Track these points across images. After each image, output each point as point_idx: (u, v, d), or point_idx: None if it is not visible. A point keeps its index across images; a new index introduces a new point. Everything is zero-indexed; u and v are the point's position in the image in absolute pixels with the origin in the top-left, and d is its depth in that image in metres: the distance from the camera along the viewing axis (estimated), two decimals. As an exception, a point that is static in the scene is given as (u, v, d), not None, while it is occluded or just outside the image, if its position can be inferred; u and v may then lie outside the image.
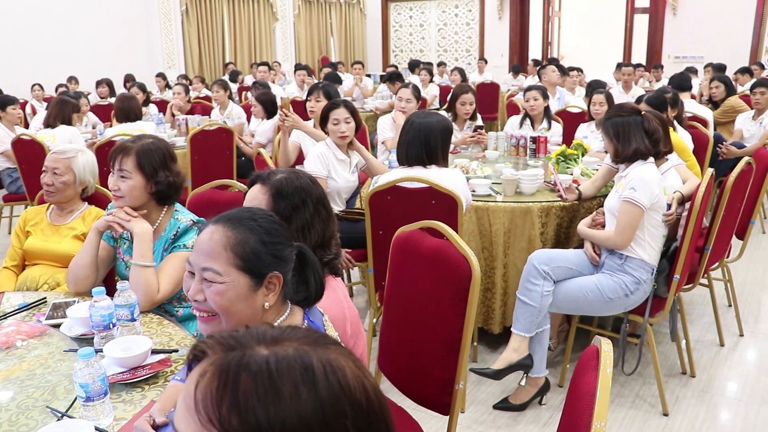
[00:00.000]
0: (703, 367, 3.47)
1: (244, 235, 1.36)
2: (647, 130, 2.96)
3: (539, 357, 2.98)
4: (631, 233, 2.87)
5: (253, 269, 1.35)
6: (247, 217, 1.38)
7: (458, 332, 1.95)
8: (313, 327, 1.42)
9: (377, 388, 0.80)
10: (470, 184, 3.57)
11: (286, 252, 1.38)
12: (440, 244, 2.02)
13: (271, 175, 1.77)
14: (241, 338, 0.79)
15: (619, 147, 2.95)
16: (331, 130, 3.70)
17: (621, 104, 3.09)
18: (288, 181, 1.74)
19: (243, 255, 1.35)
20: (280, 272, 1.37)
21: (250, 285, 1.35)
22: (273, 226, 1.38)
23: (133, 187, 2.32)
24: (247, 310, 1.37)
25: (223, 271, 1.35)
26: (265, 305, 1.37)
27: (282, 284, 1.37)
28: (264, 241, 1.36)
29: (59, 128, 5.34)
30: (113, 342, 1.83)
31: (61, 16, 10.63)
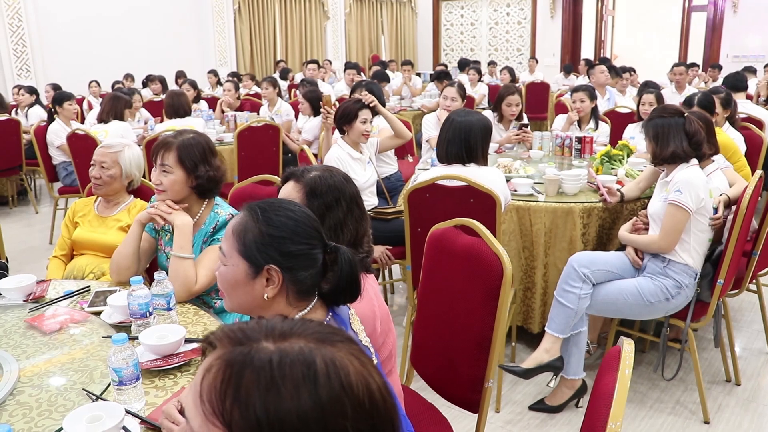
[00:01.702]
0: (749, 375, 3.37)
1: (251, 224, 1.39)
2: (688, 132, 2.88)
3: (576, 359, 2.95)
4: (677, 237, 2.81)
5: (251, 258, 1.38)
6: (268, 208, 1.40)
7: (489, 330, 1.95)
8: (337, 321, 1.44)
9: (384, 388, 0.80)
10: (512, 184, 3.55)
11: (302, 250, 1.38)
12: (473, 242, 2.02)
13: (305, 172, 1.78)
14: (250, 332, 0.81)
15: (657, 149, 2.90)
16: (359, 128, 3.76)
17: (665, 105, 3.03)
18: (322, 179, 1.75)
19: (244, 242, 1.38)
20: (285, 268, 1.37)
21: (248, 272, 1.38)
22: (290, 222, 1.38)
23: (175, 181, 2.38)
24: (245, 296, 1.40)
25: (227, 253, 1.41)
26: (264, 296, 1.38)
27: (282, 280, 1.37)
28: (270, 234, 1.37)
29: (111, 123, 5.50)
30: (149, 330, 1.88)
31: (117, 17, 10.95)
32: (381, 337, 1.74)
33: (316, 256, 1.40)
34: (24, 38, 9.85)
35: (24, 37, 9.85)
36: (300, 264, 1.38)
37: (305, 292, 1.41)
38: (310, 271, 1.39)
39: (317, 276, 1.41)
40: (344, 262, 1.41)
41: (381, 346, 1.75)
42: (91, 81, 9.87)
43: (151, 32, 11.39)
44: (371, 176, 3.85)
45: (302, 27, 14.15)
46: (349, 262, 1.41)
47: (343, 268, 1.40)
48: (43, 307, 2.22)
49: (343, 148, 3.77)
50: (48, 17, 10.11)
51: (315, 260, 1.40)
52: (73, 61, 10.30)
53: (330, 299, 1.44)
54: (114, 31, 10.88)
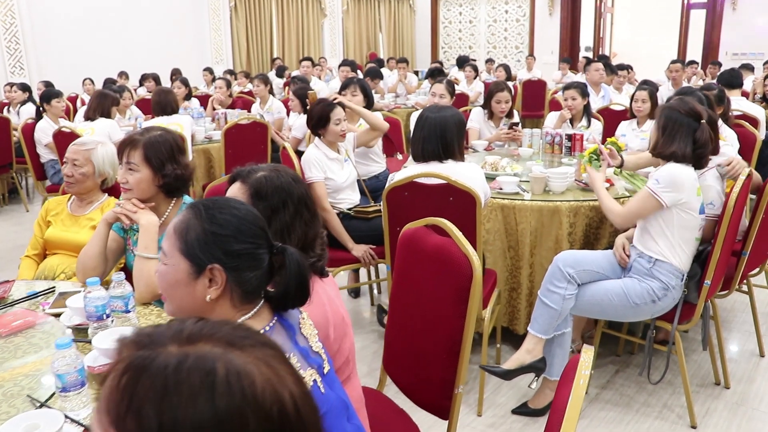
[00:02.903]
0: (738, 378, 3.29)
1: (193, 221, 1.32)
2: (697, 139, 2.79)
3: (559, 360, 2.88)
4: (635, 219, 2.82)
5: (193, 257, 1.30)
6: (212, 205, 1.34)
7: (458, 334, 1.88)
8: (284, 325, 1.37)
9: (302, 398, 0.75)
10: (497, 182, 3.48)
11: (247, 249, 1.31)
12: (443, 242, 1.95)
13: (251, 173, 1.69)
14: (157, 335, 0.76)
15: (660, 141, 2.82)
16: (333, 130, 3.67)
17: (687, 99, 2.92)
18: (268, 180, 1.66)
19: (186, 240, 1.31)
20: (229, 268, 1.30)
21: (190, 272, 1.31)
22: (234, 220, 1.31)
23: (141, 179, 2.31)
24: (186, 297, 1.33)
25: (168, 252, 1.33)
26: (207, 298, 1.31)
27: (225, 281, 1.30)
28: (213, 232, 1.30)
29: (98, 121, 5.43)
30: (105, 333, 1.82)
31: (113, 13, 10.87)
32: (335, 344, 1.67)
33: (261, 257, 1.33)
34: (17, 35, 9.79)
35: (17, 35, 9.78)
36: (244, 264, 1.31)
37: (250, 295, 1.34)
38: (255, 272, 1.32)
39: (263, 278, 1.34)
40: (292, 264, 1.33)
41: (336, 352, 1.68)
42: (84, 79, 9.81)
43: (146, 29, 11.32)
44: (350, 174, 3.78)
45: (299, 24, 14.07)
46: (297, 263, 1.34)
47: (291, 269, 1.33)
48: (3, 308, 2.15)
49: (320, 148, 3.70)
50: (42, 14, 10.04)
51: (260, 261, 1.33)
52: (68, 58, 10.23)
53: (277, 303, 1.37)
54: (109, 28, 10.80)
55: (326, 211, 3.58)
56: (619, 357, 3.49)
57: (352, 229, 3.64)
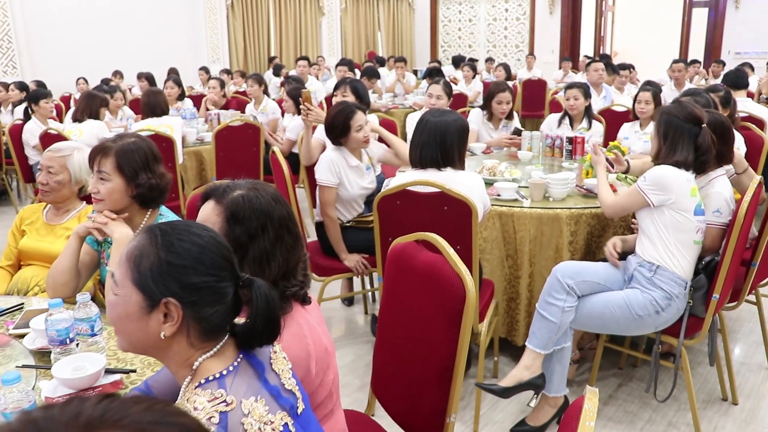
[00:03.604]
0: (747, 393, 3.15)
1: (148, 248, 1.17)
2: (699, 145, 2.66)
3: (559, 375, 2.74)
4: (622, 212, 2.89)
5: (146, 289, 1.16)
6: (171, 231, 1.19)
7: (450, 359, 1.74)
8: (251, 363, 1.22)
9: None
10: (495, 188, 3.34)
11: (207, 282, 1.17)
12: (434, 260, 1.81)
13: (227, 191, 1.52)
14: (45, 424, 0.64)
15: (663, 150, 2.71)
16: (356, 137, 3.47)
17: (686, 103, 2.79)
18: (246, 200, 1.49)
19: (139, 269, 1.16)
20: (186, 303, 1.16)
21: (142, 306, 1.16)
22: (194, 249, 1.17)
23: (113, 189, 2.18)
24: (138, 332, 1.18)
25: (120, 281, 1.19)
26: (161, 335, 1.16)
27: (182, 317, 1.16)
28: (169, 262, 1.16)
29: (86, 123, 5.29)
30: (65, 360, 1.68)
31: (107, 12, 10.72)
32: (317, 378, 1.52)
33: (224, 290, 1.19)
34: (9, 34, 9.64)
35: (9, 33, 9.63)
36: (204, 299, 1.16)
37: (211, 332, 1.19)
38: (216, 307, 1.17)
39: (227, 313, 1.20)
40: (259, 299, 1.19)
41: (318, 387, 1.54)
42: (78, 78, 9.66)
43: (141, 28, 11.16)
44: (369, 184, 3.60)
45: (297, 23, 13.91)
46: (265, 298, 1.20)
47: (258, 305, 1.19)
48: (-35, 328, 2.01)
49: (341, 152, 3.52)
50: (35, 12, 9.89)
51: (223, 295, 1.18)
52: (62, 57, 10.08)
53: (242, 341, 1.23)
54: (104, 27, 10.65)
55: (329, 219, 3.44)
56: (621, 370, 3.35)
57: (349, 238, 3.50)
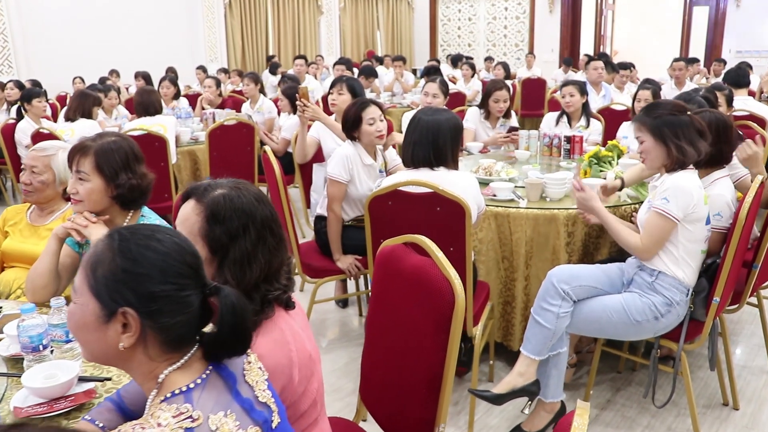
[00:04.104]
0: (748, 398, 3.08)
1: (105, 254, 1.10)
2: (700, 131, 2.58)
3: (555, 381, 2.66)
4: (658, 247, 2.53)
5: (102, 297, 1.09)
6: (130, 236, 1.12)
7: (439, 367, 1.67)
8: (222, 375, 1.15)
9: None
10: (491, 188, 3.27)
11: (168, 291, 1.10)
12: (423, 264, 1.74)
13: (209, 189, 1.46)
14: None
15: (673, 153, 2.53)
16: (368, 131, 3.39)
17: (659, 102, 2.71)
18: (227, 200, 1.43)
19: (96, 276, 1.10)
20: (144, 313, 1.09)
21: (99, 315, 1.10)
22: (153, 256, 1.10)
23: (92, 190, 2.11)
24: (97, 343, 1.12)
25: (78, 288, 1.12)
26: (120, 346, 1.10)
27: (140, 328, 1.09)
28: (126, 270, 1.09)
29: (79, 122, 5.22)
30: (38, 368, 1.61)
31: (104, 10, 10.64)
32: (301, 386, 1.45)
33: (187, 300, 1.11)
34: (5, 32, 9.57)
35: (5, 32, 9.56)
36: (165, 309, 1.09)
37: (175, 343, 1.12)
38: (178, 317, 1.10)
39: (191, 323, 1.13)
40: (225, 310, 1.12)
41: (301, 395, 1.47)
42: (75, 77, 9.59)
43: (139, 27, 11.09)
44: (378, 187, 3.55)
45: (295, 22, 13.84)
46: (232, 307, 1.12)
47: (224, 317, 1.12)
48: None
49: (356, 148, 3.44)
50: (31, 11, 9.82)
51: (186, 305, 1.11)
52: (59, 56, 10.00)
53: (208, 353, 1.16)
54: (101, 25, 10.57)
55: (334, 215, 3.37)
56: (620, 374, 3.28)
57: (347, 237, 3.43)
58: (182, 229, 1.45)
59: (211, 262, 1.42)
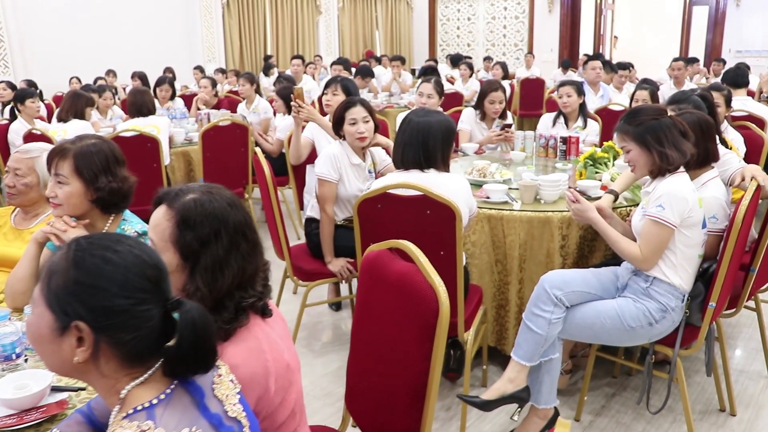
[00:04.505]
0: (746, 403, 3.03)
1: (61, 263, 1.06)
2: (683, 132, 2.55)
3: (548, 387, 2.61)
4: (658, 255, 2.48)
5: (55, 309, 1.05)
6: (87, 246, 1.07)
7: (423, 377, 1.62)
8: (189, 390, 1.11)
9: None
10: (484, 190, 3.22)
11: (123, 306, 1.04)
12: (408, 270, 1.68)
13: (180, 194, 1.42)
14: None
15: (658, 159, 2.48)
16: (348, 131, 3.37)
17: (641, 107, 2.64)
18: (198, 205, 1.39)
19: (50, 286, 1.05)
20: (97, 328, 1.04)
21: (53, 327, 1.05)
22: (108, 268, 1.05)
23: (71, 193, 2.06)
24: (54, 356, 1.08)
25: (36, 298, 1.08)
26: (74, 360, 1.05)
27: (93, 343, 1.04)
28: (78, 281, 1.04)
29: (71, 122, 5.18)
30: (9, 377, 1.56)
31: (101, 10, 10.61)
32: (278, 396, 1.41)
33: (144, 315, 1.06)
34: (1, 32, 9.53)
35: (1, 32, 9.53)
36: (119, 324, 1.04)
37: (134, 359, 1.07)
38: (135, 333, 1.05)
39: (152, 338, 1.07)
40: (185, 326, 1.07)
41: (279, 406, 1.42)
42: (71, 77, 9.55)
43: (136, 26, 11.05)
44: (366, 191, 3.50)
45: (293, 22, 13.79)
46: (193, 324, 1.07)
47: (183, 332, 1.06)
48: None
49: (344, 148, 3.40)
50: (27, 10, 9.78)
51: (144, 319, 1.06)
52: (55, 56, 9.97)
53: (170, 370, 1.11)
54: (98, 25, 10.54)
55: (327, 216, 3.32)
56: (615, 379, 3.23)
57: (339, 238, 3.38)
58: (153, 236, 1.41)
59: (182, 269, 1.38)
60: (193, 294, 1.37)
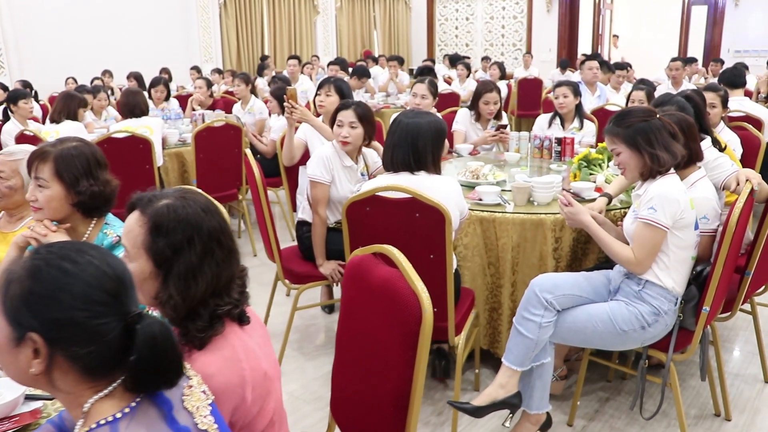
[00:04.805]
0: (741, 408, 3.00)
1: (19, 272, 1.02)
2: (672, 134, 2.51)
3: (539, 392, 2.57)
4: (651, 258, 2.45)
5: (11, 319, 1.02)
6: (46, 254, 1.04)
7: (407, 385, 1.58)
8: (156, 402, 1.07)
9: None
10: (476, 192, 3.19)
11: (77, 319, 1.01)
12: (391, 275, 1.65)
13: (154, 200, 1.39)
14: None
15: (648, 161, 2.44)
16: (334, 132, 3.36)
17: (629, 109, 2.61)
18: (171, 210, 1.36)
19: (7, 295, 1.02)
20: (50, 340, 1.00)
21: (10, 337, 1.02)
22: (63, 279, 1.01)
23: (51, 197, 2.02)
24: (12, 366, 1.05)
25: None
26: (31, 371, 1.02)
27: (47, 355, 1.01)
28: (32, 291, 1.00)
29: (64, 123, 5.14)
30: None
31: (98, 10, 10.56)
32: (255, 406, 1.37)
33: (101, 328, 1.02)
34: (-3, 33, 9.50)
35: (-3, 32, 9.50)
36: (73, 337, 1.01)
37: (95, 372, 1.03)
38: (90, 347, 1.01)
39: (109, 353, 1.03)
40: (143, 343, 1.03)
41: (256, 415, 1.39)
42: (68, 78, 9.51)
43: (133, 26, 11.00)
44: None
45: (291, 22, 13.74)
46: (152, 340, 1.04)
47: (141, 349, 1.03)
48: None
49: (337, 149, 3.38)
50: (24, 11, 9.74)
51: (100, 333, 1.02)
52: (52, 57, 9.92)
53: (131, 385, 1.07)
54: (95, 26, 10.49)
55: (319, 218, 3.29)
56: (609, 383, 3.20)
57: (331, 241, 3.34)
58: (126, 242, 1.38)
59: (156, 276, 1.35)
60: (166, 302, 1.34)
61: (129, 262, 1.38)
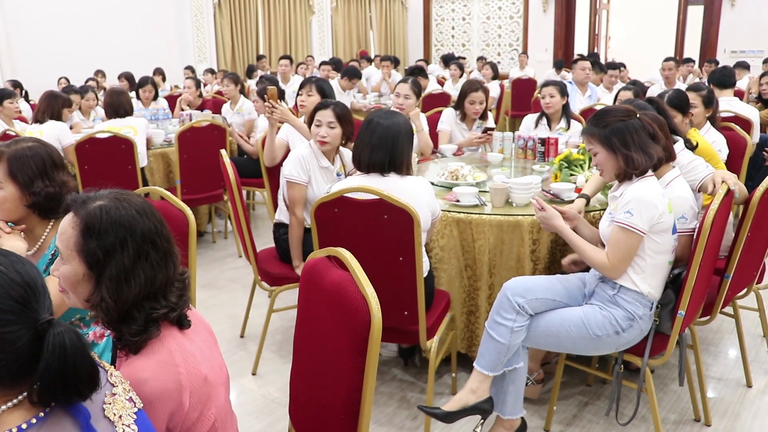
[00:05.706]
0: (722, 412, 2.95)
1: None
2: (652, 134, 2.47)
3: (513, 397, 2.52)
4: (627, 263, 2.40)
5: None
6: None
7: (357, 391, 1.54)
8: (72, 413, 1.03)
9: None
10: (454, 193, 3.14)
11: None
12: (342, 279, 1.60)
13: (88, 201, 1.36)
14: None
15: (626, 162, 2.39)
16: (312, 131, 3.33)
17: (607, 109, 2.56)
18: (104, 212, 1.33)
19: None
20: None
21: None
22: None
23: (5, 198, 1.98)
24: None
25: None
26: None
27: None
28: None
29: (47, 124, 5.08)
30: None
31: (91, 9, 10.53)
32: (194, 411, 1.33)
33: (8, 337, 0.98)
34: (-12, 33, 9.47)
35: (-12, 32, 9.46)
36: None
37: (2, 382, 0.99)
38: (9, 356, 0.98)
39: (17, 362, 0.99)
40: (51, 353, 0.99)
41: (195, 422, 1.35)
42: (60, 77, 9.47)
43: (127, 27, 10.97)
44: None
45: (286, 22, 13.69)
46: (61, 351, 0.99)
47: (48, 360, 0.99)
48: None
49: (314, 150, 3.34)
50: (17, 10, 9.71)
51: (8, 342, 0.98)
52: (44, 57, 9.89)
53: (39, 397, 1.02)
54: (89, 26, 10.46)
55: (296, 219, 3.26)
56: (589, 387, 3.15)
57: (308, 244, 3.30)
58: (59, 244, 1.35)
59: (89, 278, 1.32)
60: (98, 305, 1.31)
61: (63, 264, 1.35)
